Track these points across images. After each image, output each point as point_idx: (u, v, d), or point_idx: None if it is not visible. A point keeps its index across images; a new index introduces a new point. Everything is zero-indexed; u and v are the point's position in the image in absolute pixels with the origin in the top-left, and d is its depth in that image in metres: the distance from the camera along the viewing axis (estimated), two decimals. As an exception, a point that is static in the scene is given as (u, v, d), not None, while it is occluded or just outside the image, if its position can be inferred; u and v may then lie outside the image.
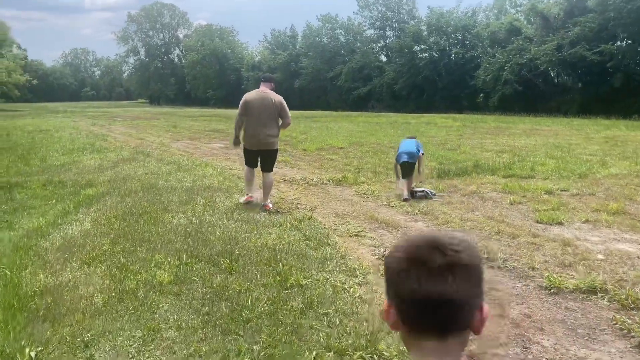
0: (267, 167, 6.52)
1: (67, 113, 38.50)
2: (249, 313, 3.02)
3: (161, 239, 4.65)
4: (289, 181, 8.68)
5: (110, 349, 2.76)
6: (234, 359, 2.62)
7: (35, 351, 2.70)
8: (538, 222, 5.56)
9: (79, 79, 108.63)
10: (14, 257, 4.59)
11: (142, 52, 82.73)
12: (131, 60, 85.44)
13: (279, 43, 62.61)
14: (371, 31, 55.21)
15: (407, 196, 6.91)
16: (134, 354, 2.71)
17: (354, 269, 3.83)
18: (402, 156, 7.25)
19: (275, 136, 6.41)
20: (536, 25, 38.59)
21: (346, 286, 3.50)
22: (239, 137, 6.60)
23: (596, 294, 3.46)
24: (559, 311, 3.21)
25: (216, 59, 67.40)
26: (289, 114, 6.45)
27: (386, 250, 4.34)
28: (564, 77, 39.50)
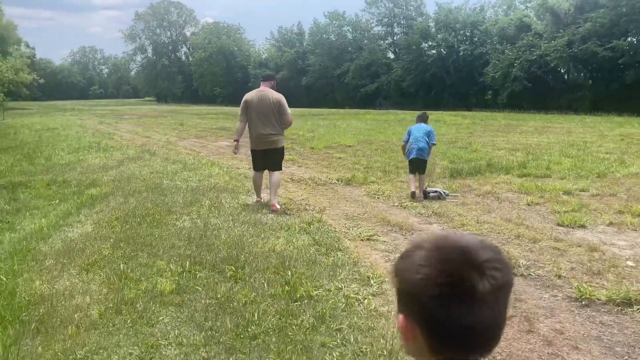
0: (273, 166, 6.34)
1: (74, 111, 38.54)
2: (256, 328, 2.79)
3: (164, 243, 4.43)
4: (297, 181, 8.45)
5: (105, 367, 2.55)
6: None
7: (24, 369, 2.50)
8: (559, 224, 5.29)
9: (87, 77, 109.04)
10: (11, 262, 4.40)
11: (150, 50, 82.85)
12: (139, 58, 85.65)
13: (286, 40, 62.35)
14: (379, 28, 54.83)
15: (414, 189, 6.73)
16: (131, 373, 2.50)
17: (368, 277, 3.58)
18: (412, 151, 6.98)
19: (277, 134, 6.21)
20: (546, 21, 38.04)
21: (360, 297, 3.26)
22: (238, 143, 6.59)
23: (632, 306, 3.20)
24: (593, 326, 2.95)
25: (223, 57, 67.28)
26: (289, 111, 6.24)
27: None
28: (574, 74, 38.97)
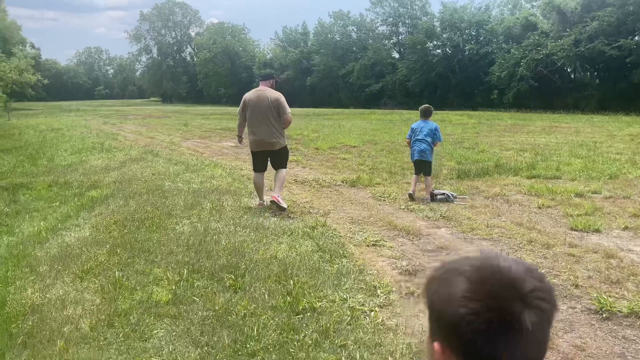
0: (278, 165, 6.26)
1: (79, 112, 38.58)
2: (255, 344, 2.61)
3: (162, 249, 4.27)
4: (301, 182, 8.28)
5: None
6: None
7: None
8: (573, 229, 5.09)
9: (92, 77, 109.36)
10: (5, 268, 4.26)
11: (155, 50, 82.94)
12: (144, 58, 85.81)
13: (291, 40, 62.23)
14: (383, 27, 54.58)
15: (412, 191, 6.78)
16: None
17: (374, 287, 3.40)
18: (413, 153, 7.02)
19: (277, 135, 6.06)
20: (552, 19, 37.70)
21: (366, 309, 3.08)
22: (241, 136, 6.62)
23: (655, 319, 3.01)
24: (616, 342, 2.76)
25: (228, 57, 67.24)
26: (288, 110, 6.08)
27: (414, 267, 3.91)
28: (581, 73, 38.63)
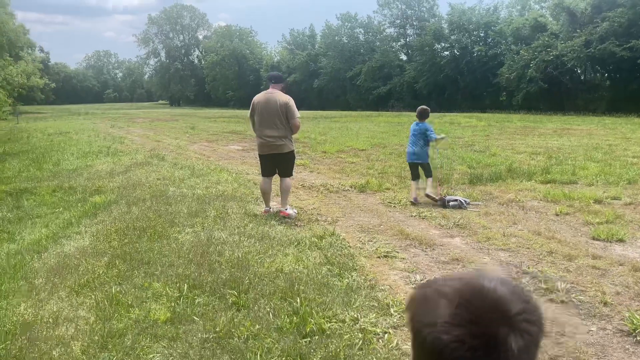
0: (283, 172, 6.02)
1: (88, 115, 38.67)
2: (258, 372, 2.42)
3: (162, 260, 4.08)
4: (308, 187, 8.08)
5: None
6: None
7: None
8: (594, 238, 4.84)
9: (101, 81, 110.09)
10: (0, 280, 4.09)
11: (163, 53, 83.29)
12: (152, 62, 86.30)
13: (298, 43, 62.17)
14: (391, 29, 54.33)
15: (414, 196, 6.74)
16: None
17: (387, 305, 3.18)
18: (408, 155, 7.04)
19: (283, 138, 5.85)
20: (562, 20, 37.29)
21: (379, 330, 2.86)
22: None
23: (694, 342, 2.77)
24: (655, 369, 2.54)
25: (235, 60, 67.31)
26: (297, 115, 5.88)
27: (421, 279, 3.67)
28: (592, 74, 38.13)
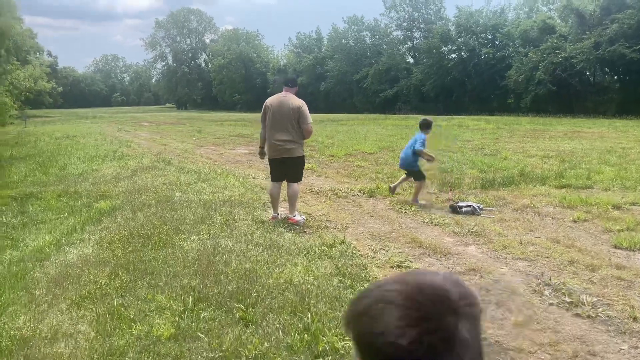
0: (291, 177, 5.85)
1: (95, 119, 38.81)
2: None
3: (167, 271, 3.93)
4: (316, 192, 7.92)
5: None
6: None
7: None
8: (616, 247, 4.64)
9: (109, 84, 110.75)
10: (0, 291, 3.96)
11: (170, 57, 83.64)
12: (159, 65, 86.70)
13: (305, 46, 62.17)
14: (398, 32, 54.21)
15: (393, 187, 7.53)
16: None
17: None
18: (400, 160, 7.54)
19: (294, 142, 5.70)
20: (571, 22, 36.97)
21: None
22: (263, 148, 6.06)
23: None
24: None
25: (242, 63, 67.42)
26: (310, 120, 5.72)
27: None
28: (601, 76, 37.74)
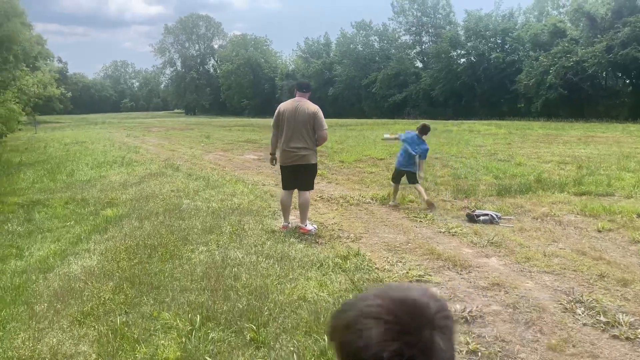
0: (303, 185, 5.64)
1: (105, 124, 38.94)
2: None
3: (174, 285, 3.74)
4: (327, 200, 7.71)
5: None
6: None
7: None
8: (647, 259, 4.39)
9: (118, 90, 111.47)
10: (2, 304, 3.80)
11: (179, 63, 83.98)
12: (168, 71, 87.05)
13: (313, 51, 62.13)
14: (406, 37, 54.00)
15: (393, 202, 7.14)
16: None
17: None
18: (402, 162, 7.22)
19: (309, 149, 5.50)
20: (582, 26, 36.59)
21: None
22: (274, 155, 5.82)
23: None
24: None
25: (250, 69, 67.51)
26: (325, 126, 5.54)
27: (471, 312, 3.25)
28: (613, 80, 37.27)
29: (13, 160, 16.23)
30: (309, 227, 5.62)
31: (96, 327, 3.10)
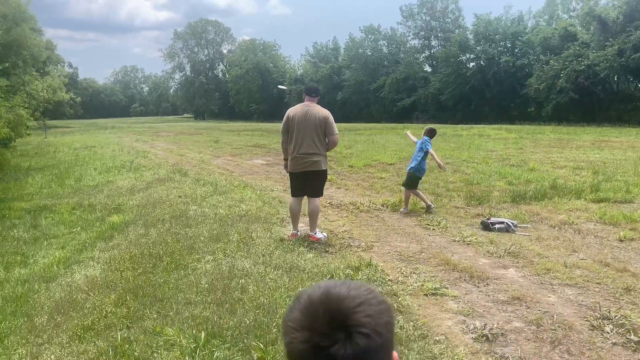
0: (313, 192, 5.47)
1: (114, 129, 39.09)
2: None
3: (178, 297, 3.59)
4: (337, 206, 7.55)
5: None
6: None
7: None
8: (674, 271, 4.17)
9: (128, 95, 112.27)
10: (2, 316, 3.67)
11: (188, 68, 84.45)
12: (177, 76, 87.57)
13: (321, 56, 62.16)
14: (415, 41, 53.87)
15: (404, 209, 6.98)
16: None
17: (446, 363, 2.62)
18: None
19: (320, 155, 5.34)
20: (593, 30, 36.22)
21: (441, 402, 2.30)
22: (288, 162, 5.59)
23: None
24: None
25: (259, 73, 67.66)
26: (336, 131, 5.40)
27: (492, 330, 3.07)
28: (625, 84, 36.82)
29: (22, 165, 16.25)
30: (319, 235, 5.46)
31: (96, 343, 2.96)
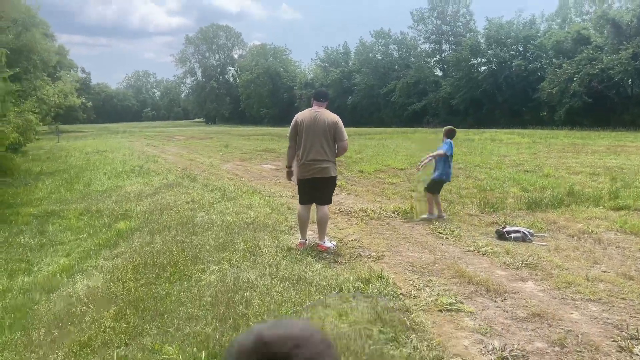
0: (322, 199, 5.30)
1: (126, 133, 39.31)
2: None
3: (179, 311, 3.43)
4: (346, 212, 7.37)
5: None
6: None
7: None
8: None
9: (140, 100, 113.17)
10: (-2, 329, 3.55)
11: (199, 72, 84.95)
12: (188, 80, 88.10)
13: (332, 60, 62.10)
14: (426, 45, 53.58)
15: (427, 216, 6.79)
16: None
17: (464, 389, 2.43)
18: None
19: (329, 161, 5.18)
20: (607, 33, 35.70)
21: None
22: (292, 168, 5.44)
23: None
24: None
25: (269, 78, 67.78)
26: (346, 136, 5.23)
27: (512, 351, 2.86)
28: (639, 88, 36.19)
29: (34, 169, 16.30)
30: (328, 244, 5.28)
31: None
